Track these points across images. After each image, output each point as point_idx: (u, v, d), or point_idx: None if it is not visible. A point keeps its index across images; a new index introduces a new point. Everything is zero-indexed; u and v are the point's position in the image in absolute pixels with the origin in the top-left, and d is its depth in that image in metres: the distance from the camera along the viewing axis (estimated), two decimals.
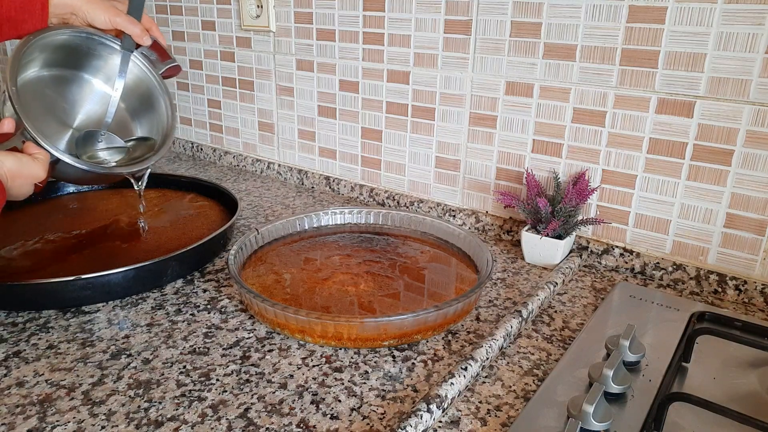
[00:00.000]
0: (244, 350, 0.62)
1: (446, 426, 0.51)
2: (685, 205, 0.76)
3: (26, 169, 0.59)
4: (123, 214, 0.94)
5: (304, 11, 1.07)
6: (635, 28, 0.74)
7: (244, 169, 1.30)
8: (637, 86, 0.76)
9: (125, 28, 0.71)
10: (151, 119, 0.81)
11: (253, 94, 1.22)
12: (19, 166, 0.58)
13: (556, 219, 0.79)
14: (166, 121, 0.79)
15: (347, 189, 1.12)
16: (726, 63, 0.69)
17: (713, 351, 0.62)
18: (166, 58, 0.78)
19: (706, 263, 0.77)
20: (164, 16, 1.34)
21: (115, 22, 0.70)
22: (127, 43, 0.74)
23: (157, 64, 0.78)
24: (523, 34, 0.83)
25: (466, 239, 0.82)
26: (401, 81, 0.98)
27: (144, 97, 0.80)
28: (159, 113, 0.80)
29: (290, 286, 0.73)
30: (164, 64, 0.78)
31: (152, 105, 0.80)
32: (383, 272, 0.77)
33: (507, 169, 0.91)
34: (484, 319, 0.69)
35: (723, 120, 0.71)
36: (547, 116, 0.84)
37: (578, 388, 0.55)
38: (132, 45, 0.74)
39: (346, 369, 0.59)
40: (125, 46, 0.74)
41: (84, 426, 0.50)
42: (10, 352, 0.61)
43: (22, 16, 0.64)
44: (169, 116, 0.79)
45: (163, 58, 0.78)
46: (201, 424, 0.51)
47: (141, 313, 0.69)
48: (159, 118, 0.80)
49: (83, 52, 0.74)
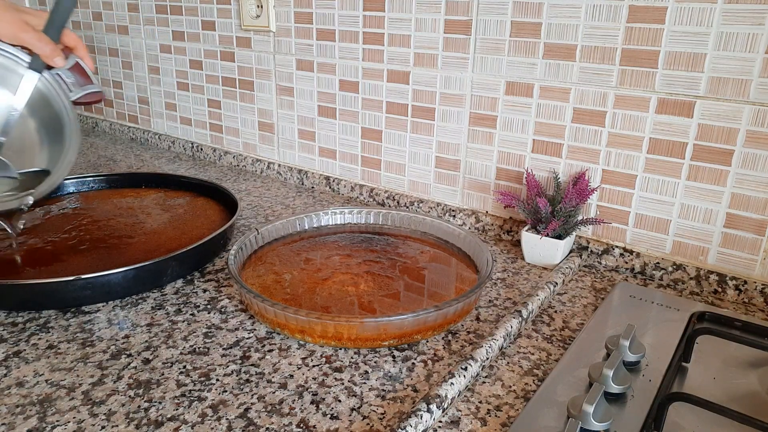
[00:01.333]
0: (244, 350, 0.62)
1: (446, 426, 0.51)
2: (685, 205, 0.76)
3: None
4: (123, 214, 0.94)
5: (304, 11, 1.07)
6: (635, 28, 0.74)
7: (244, 169, 1.30)
8: (637, 86, 0.76)
9: (32, 46, 0.65)
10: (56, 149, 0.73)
11: (253, 94, 1.22)
12: None
13: (556, 219, 0.79)
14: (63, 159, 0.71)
15: (347, 189, 1.12)
16: (726, 63, 0.69)
17: (713, 351, 0.62)
18: (88, 82, 0.71)
19: (706, 263, 0.77)
20: (164, 16, 1.34)
21: (20, 38, 0.64)
22: (35, 63, 0.67)
23: (73, 88, 0.70)
24: (523, 34, 0.83)
25: (466, 239, 0.82)
26: (401, 81, 0.98)
27: (53, 122, 0.72)
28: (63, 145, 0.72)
29: (290, 286, 0.73)
30: (81, 90, 0.71)
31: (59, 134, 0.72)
32: (383, 272, 0.77)
33: (507, 169, 0.91)
34: (484, 319, 0.69)
35: (723, 120, 0.71)
36: (547, 116, 0.84)
37: (578, 388, 0.55)
38: (41, 65, 0.67)
39: (346, 369, 0.59)
40: (33, 66, 0.67)
41: (84, 426, 0.50)
42: (10, 352, 0.61)
43: None
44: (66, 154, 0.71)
45: (81, 83, 0.71)
46: (201, 424, 0.51)
47: (141, 313, 0.69)
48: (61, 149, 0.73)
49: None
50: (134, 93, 1.51)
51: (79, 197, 1.03)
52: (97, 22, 1.53)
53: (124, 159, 1.38)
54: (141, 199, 1.02)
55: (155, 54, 1.40)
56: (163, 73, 1.40)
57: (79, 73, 0.71)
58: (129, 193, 1.04)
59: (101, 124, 1.65)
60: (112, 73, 1.55)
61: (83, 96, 0.71)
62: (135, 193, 1.04)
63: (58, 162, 0.72)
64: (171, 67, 1.38)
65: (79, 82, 0.71)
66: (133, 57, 1.47)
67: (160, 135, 1.48)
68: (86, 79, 0.71)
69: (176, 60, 1.36)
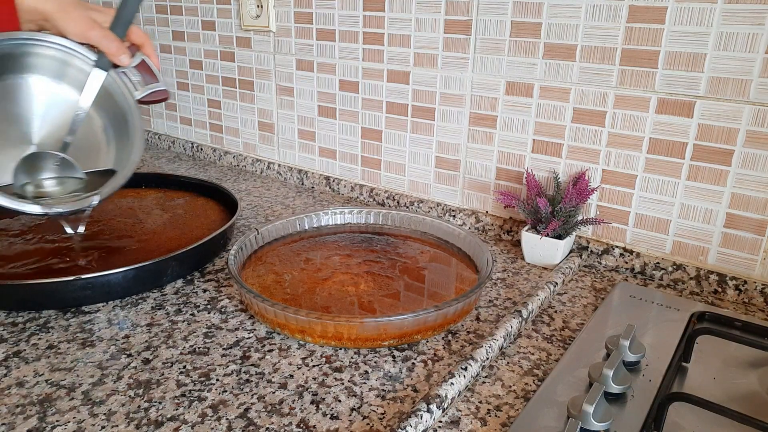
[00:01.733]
0: (244, 350, 0.62)
1: (446, 426, 0.51)
2: (685, 205, 0.76)
3: None
4: (123, 214, 0.94)
5: (304, 11, 1.07)
6: (635, 28, 0.74)
7: (244, 169, 1.30)
8: (637, 86, 0.76)
9: (99, 44, 0.64)
10: (122, 149, 0.72)
11: (253, 94, 1.22)
12: None
13: (556, 219, 0.79)
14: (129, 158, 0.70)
15: (347, 189, 1.12)
16: (726, 63, 0.69)
17: (713, 351, 0.62)
18: (153, 80, 0.70)
19: (706, 263, 0.77)
20: (164, 16, 1.34)
21: (88, 37, 0.63)
22: (101, 62, 0.65)
23: (139, 87, 0.69)
24: (523, 34, 0.83)
25: (466, 239, 0.82)
26: (401, 81, 0.98)
27: (120, 122, 0.71)
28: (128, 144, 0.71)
29: (290, 286, 0.73)
30: (148, 88, 0.69)
31: (126, 134, 0.71)
32: (383, 272, 0.77)
33: (507, 169, 0.91)
34: (484, 319, 0.69)
35: (723, 120, 0.71)
36: (547, 116, 0.84)
37: (578, 388, 0.55)
38: (107, 64, 0.66)
39: (346, 369, 0.59)
40: (99, 64, 0.66)
41: (84, 426, 0.50)
42: (10, 352, 0.61)
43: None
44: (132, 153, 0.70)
45: (147, 81, 0.69)
46: (201, 424, 0.51)
47: (141, 313, 0.69)
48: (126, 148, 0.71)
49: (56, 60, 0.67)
50: None
51: None
52: None
53: None
54: (141, 199, 1.02)
55: None
56: (163, 73, 1.40)
57: (145, 72, 0.69)
58: (129, 193, 1.04)
59: None
60: None
61: (148, 95, 0.70)
62: (135, 193, 1.04)
63: (122, 162, 0.71)
64: (171, 67, 1.38)
65: (144, 81, 0.69)
66: None
67: (160, 135, 1.48)
68: (152, 77, 0.70)
69: (176, 60, 1.36)
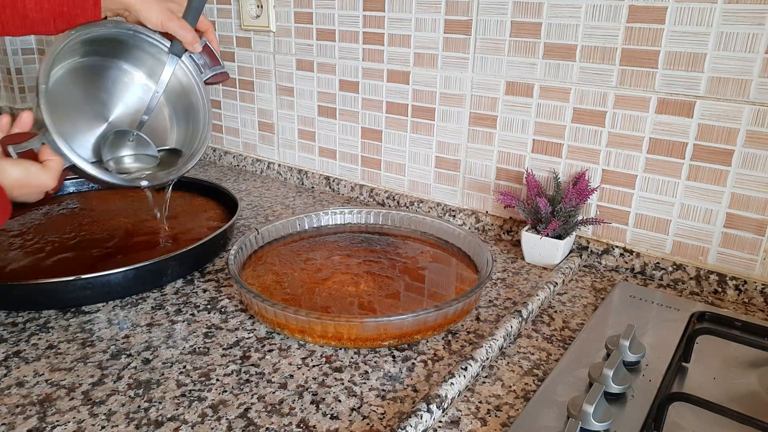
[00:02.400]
0: (244, 350, 0.62)
1: (446, 426, 0.51)
2: (685, 205, 0.76)
3: (34, 179, 0.57)
4: (123, 214, 0.94)
5: (304, 11, 1.07)
6: (635, 28, 0.74)
7: (244, 169, 1.30)
8: (637, 86, 0.76)
9: (177, 33, 0.68)
10: (186, 129, 0.78)
11: (253, 94, 1.22)
12: (26, 176, 0.56)
13: (556, 219, 0.79)
14: (199, 136, 0.76)
15: (347, 189, 1.12)
16: (726, 63, 0.69)
17: (713, 351, 0.62)
18: (216, 63, 0.75)
19: (706, 263, 0.77)
20: None
21: (167, 26, 0.68)
22: (176, 48, 0.71)
23: (204, 70, 0.75)
24: (523, 34, 0.83)
25: (466, 239, 0.82)
26: (401, 81, 0.98)
27: (184, 104, 0.77)
28: (194, 125, 0.77)
29: (290, 286, 0.73)
30: (211, 71, 0.75)
31: (190, 115, 0.77)
32: (383, 272, 0.77)
33: (507, 169, 0.91)
34: (484, 319, 0.69)
35: (723, 120, 0.71)
36: (547, 116, 0.84)
37: (578, 388, 0.55)
38: (181, 50, 0.71)
39: (346, 369, 0.59)
40: (174, 50, 0.71)
41: (84, 426, 0.50)
42: (10, 352, 0.61)
43: (74, 10, 0.62)
44: (203, 130, 0.75)
45: (211, 64, 0.75)
46: (201, 424, 0.51)
47: (141, 313, 0.69)
48: (193, 130, 0.77)
49: (129, 45, 0.72)
50: None
51: (79, 197, 1.03)
52: None
53: None
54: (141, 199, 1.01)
55: None
56: None
57: (208, 55, 0.74)
58: (129, 193, 1.04)
59: None
60: None
61: (212, 77, 0.75)
62: (135, 193, 1.04)
63: (194, 140, 0.76)
64: None
65: (208, 64, 0.74)
66: None
67: None
68: (214, 60, 0.75)
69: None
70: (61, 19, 0.62)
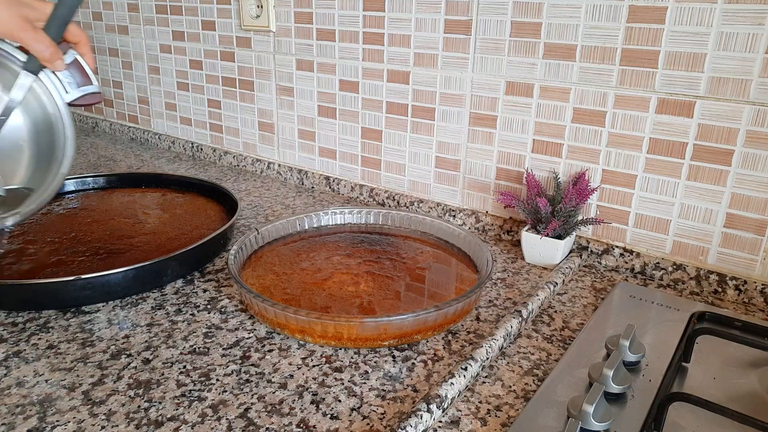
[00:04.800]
0: (244, 350, 0.62)
1: (446, 426, 0.51)
2: (685, 205, 0.76)
3: None
4: (123, 214, 0.94)
5: (304, 11, 1.07)
6: (635, 28, 0.74)
7: (244, 169, 1.30)
8: (637, 86, 0.76)
9: (30, 47, 0.58)
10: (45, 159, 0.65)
11: (253, 94, 1.22)
12: None
13: (556, 219, 0.79)
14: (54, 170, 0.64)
15: (347, 189, 1.12)
16: (726, 63, 0.69)
17: (713, 351, 0.62)
18: (86, 83, 0.63)
19: (706, 263, 0.77)
20: (164, 16, 1.34)
21: (18, 38, 0.57)
22: (31, 64, 0.59)
23: (70, 89, 0.63)
24: (523, 34, 0.83)
25: (466, 239, 0.82)
26: (401, 81, 0.98)
27: (43, 128, 0.64)
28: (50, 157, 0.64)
29: (290, 286, 0.73)
30: (79, 90, 0.63)
31: (51, 140, 0.65)
32: (383, 272, 0.77)
33: (507, 169, 0.91)
34: (484, 319, 0.69)
35: (723, 120, 0.71)
36: (547, 116, 0.84)
37: (578, 388, 0.55)
38: (37, 67, 0.60)
39: (346, 369, 0.59)
40: (28, 67, 0.59)
41: (84, 426, 0.50)
42: (10, 352, 0.61)
43: None
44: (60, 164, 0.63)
45: (81, 83, 0.63)
46: (201, 424, 0.51)
47: (141, 313, 0.69)
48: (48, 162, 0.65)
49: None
50: (134, 93, 1.51)
51: (79, 197, 1.03)
52: (97, 22, 1.53)
53: (124, 159, 1.38)
54: (141, 199, 1.02)
55: (155, 54, 1.40)
56: (163, 73, 1.41)
57: (78, 72, 0.63)
58: (129, 193, 1.04)
59: (101, 124, 1.65)
60: (112, 73, 1.55)
61: (80, 98, 0.64)
62: (135, 193, 1.04)
63: (48, 174, 0.65)
64: (171, 67, 1.38)
65: (77, 82, 0.63)
66: (133, 57, 1.47)
67: (160, 135, 1.48)
68: (85, 78, 0.64)
69: (176, 60, 1.36)
70: None
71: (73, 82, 0.63)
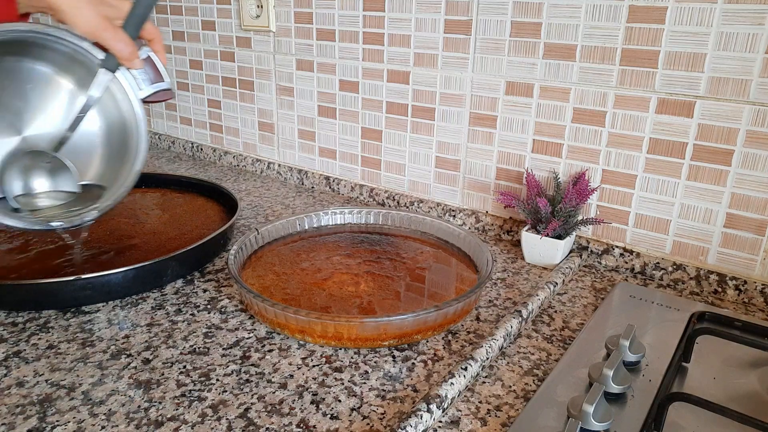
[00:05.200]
0: (244, 350, 0.62)
1: (446, 426, 0.51)
2: (685, 205, 0.76)
3: None
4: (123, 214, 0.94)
5: (304, 11, 1.07)
6: (635, 28, 0.74)
7: (244, 169, 1.30)
8: (637, 86, 0.76)
9: (110, 46, 0.58)
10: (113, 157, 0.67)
11: (253, 94, 1.22)
12: None
13: (556, 219, 0.79)
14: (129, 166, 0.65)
15: (347, 189, 1.12)
16: (726, 63, 0.69)
17: (713, 351, 0.62)
18: (158, 80, 0.64)
19: (706, 263, 0.77)
20: (164, 16, 1.34)
21: (99, 37, 0.57)
22: (109, 62, 0.60)
23: (144, 85, 0.63)
24: (523, 34, 0.83)
25: (466, 239, 0.82)
26: (401, 81, 0.98)
27: (115, 126, 0.66)
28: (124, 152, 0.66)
29: (290, 286, 0.73)
30: (152, 87, 0.64)
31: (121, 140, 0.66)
32: (383, 272, 0.77)
33: (507, 169, 0.91)
34: (484, 319, 0.69)
35: (723, 120, 0.71)
36: (547, 116, 0.84)
37: (578, 388, 0.55)
38: (115, 65, 0.60)
39: (346, 369, 0.59)
40: (106, 65, 0.60)
41: (84, 426, 0.50)
42: (10, 352, 0.61)
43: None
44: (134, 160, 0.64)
45: (153, 80, 0.64)
46: (201, 424, 0.51)
47: (141, 313, 0.69)
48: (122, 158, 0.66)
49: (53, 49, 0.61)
50: None
51: None
52: None
53: None
54: (141, 199, 1.02)
55: None
56: None
57: (151, 69, 0.63)
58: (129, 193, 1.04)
59: None
60: None
61: (153, 94, 0.65)
62: (135, 193, 1.04)
63: (121, 171, 0.66)
64: (171, 67, 1.38)
65: (150, 78, 0.64)
66: None
67: (160, 135, 1.48)
68: (158, 75, 0.64)
69: (176, 60, 1.36)
70: None
71: (146, 79, 0.63)
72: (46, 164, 0.63)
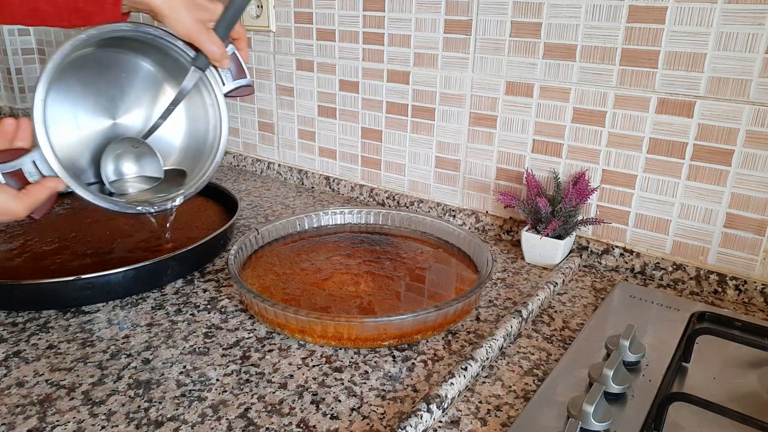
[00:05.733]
0: (244, 350, 0.62)
1: (446, 426, 0.51)
2: (685, 205, 0.76)
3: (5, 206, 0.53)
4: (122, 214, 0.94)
5: (304, 11, 1.07)
6: (635, 28, 0.74)
7: (244, 169, 1.30)
8: (637, 86, 0.76)
9: (204, 48, 0.62)
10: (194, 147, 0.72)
11: (253, 94, 1.22)
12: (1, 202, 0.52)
13: (556, 219, 0.79)
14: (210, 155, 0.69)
15: (347, 189, 1.12)
16: (726, 63, 0.69)
17: (713, 351, 0.62)
18: (241, 76, 0.67)
19: (706, 263, 0.77)
20: None
21: (195, 39, 0.61)
22: (200, 61, 0.64)
23: (227, 81, 0.67)
24: (523, 34, 0.83)
25: (466, 239, 0.82)
26: (401, 81, 0.98)
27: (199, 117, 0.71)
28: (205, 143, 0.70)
29: (290, 286, 0.73)
30: (235, 83, 0.67)
31: (202, 131, 0.71)
32: (383, 272, 0.77)
33: (507, 169, 0.91)
34: (484, 319, 0.69)
35: (723, 120, 0.71)
36: (547, 116, 0.84)
37: (578, 388, 0.55)
38: (205, 64, 0.64)
39: (346, 369, 0.59)
40: (197, 64, 0.64)
41: (84, 426, 0.50)
42: (10, 352, 0.61)
43: (90, 7, 0.57)
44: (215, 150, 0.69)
45: (236, 76, 0.67)
46: (201, 424, 0.51)
47: (141, 313, 0.69)
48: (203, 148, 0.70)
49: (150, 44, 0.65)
50: None
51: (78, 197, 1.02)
52: None
53: None
54: None
55: None
56: None
57: (235, 65, 0.67)
58: None
59: None
60: None
61: (235, 90, 0.68)
62: None
63: (200, 160, 0.70)
64: None
65: (233, 75, 0.67)
66: None
67: None
68: (240, 72, 0.67)
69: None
70: (76, 15, 0.57)
71: (229, 75, 0.67)
72: (134, 149, 0.68)
